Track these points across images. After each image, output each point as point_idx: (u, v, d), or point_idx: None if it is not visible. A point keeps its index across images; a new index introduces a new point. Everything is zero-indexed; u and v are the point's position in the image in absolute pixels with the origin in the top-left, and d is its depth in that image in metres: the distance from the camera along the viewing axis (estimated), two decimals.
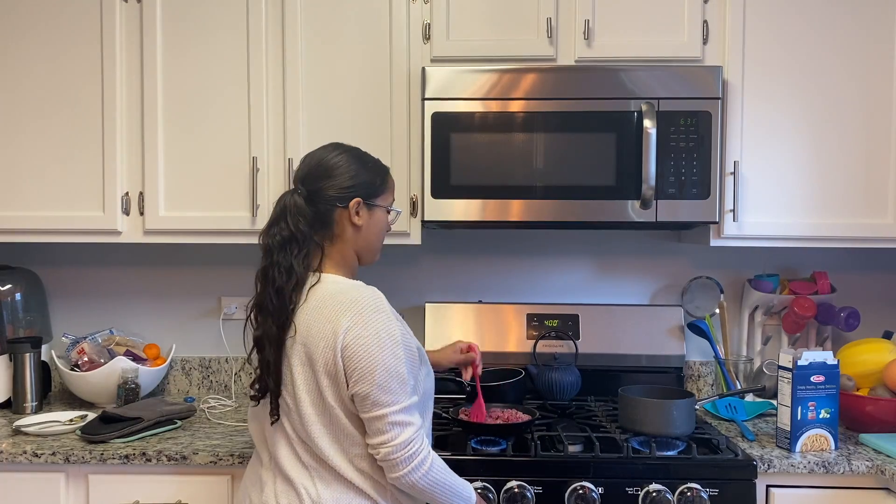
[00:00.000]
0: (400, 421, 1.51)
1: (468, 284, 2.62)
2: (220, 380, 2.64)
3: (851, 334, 2.50)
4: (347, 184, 1.63)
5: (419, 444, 1.53)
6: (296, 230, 1.58)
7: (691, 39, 2.23)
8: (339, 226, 1.64)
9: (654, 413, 1.99)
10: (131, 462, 1.97)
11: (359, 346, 1.50)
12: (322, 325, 1.53)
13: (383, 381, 1.50)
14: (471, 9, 2.25)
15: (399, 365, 1.52)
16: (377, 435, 1.51)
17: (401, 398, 1.52)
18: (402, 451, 1.50)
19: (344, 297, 1.54)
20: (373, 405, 1.50)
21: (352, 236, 1.65)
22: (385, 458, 1.51)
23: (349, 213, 1.64)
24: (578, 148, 2.16)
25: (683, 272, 2.61)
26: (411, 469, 1.51)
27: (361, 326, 1.51)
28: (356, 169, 1.66)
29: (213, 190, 2.29)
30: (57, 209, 2.31)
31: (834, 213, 2.24)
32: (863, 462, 1.92)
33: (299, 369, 1.55)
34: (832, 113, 2.23)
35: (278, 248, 1.58)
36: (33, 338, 2.42)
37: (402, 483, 1.53)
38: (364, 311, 1.52)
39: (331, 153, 1.67)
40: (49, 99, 2.29)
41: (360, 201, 1.64)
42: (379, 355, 1.50)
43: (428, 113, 2.17)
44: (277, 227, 1.60)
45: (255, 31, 2.27)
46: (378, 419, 1.50)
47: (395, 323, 1.55)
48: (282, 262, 1.56)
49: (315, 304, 1.55)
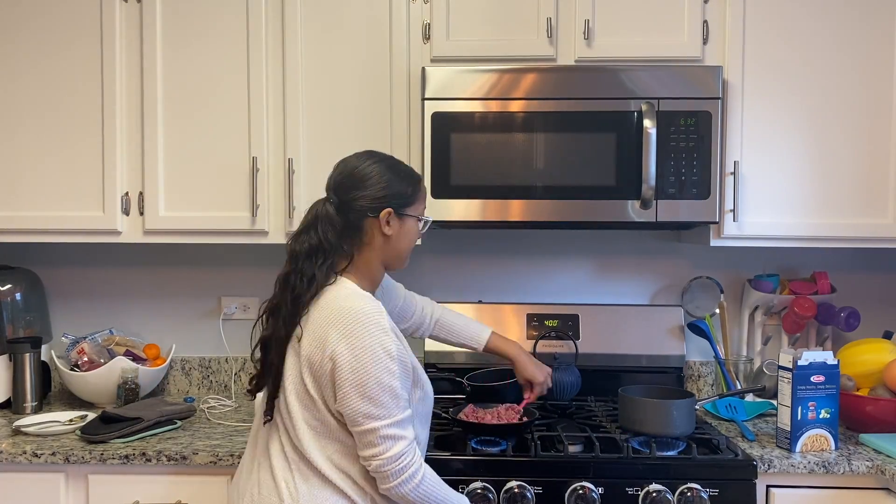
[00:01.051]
0: (392, 434, 1.51)
1: (468, 284, 2.62)
2: (219, 380, 2.64)
3: (851, 334, 2.50)
4: (379, 194, 1.63)
5: (410, 458, 1.53)
6: (324, 240, 1.59)
7: (691, 39, 2.23)
8: (368, 235, 1.64)
9: (654, 413, 1.99)
10: (131, 462, 1.97)
11: (352, 358, 1.50)
12: (318, 327, 1.54)
13: (375, 394, 1.50)
14: (471, 9, 2.25)
15: (392, 379, 1.52)
16: (368, 448, 1.52)
17: (393, 412, 1.52)
18: (393, 463, 1.50)
19: (343, 303, 1.55)
20: (364, 418, 1.50)
21: (381, 245, 1.66)
22: (376, 470, 1.52)
23: (379, 223, 1.64)
24: (578, 148, 2.16)
25: (683, 272, 2.61)
26: (402, 481, 1.52)
27: (355, 338, 1.51)
28: (388, 179, 1.65)
29: (213, 190, 2.29)
30: (57, 209, 2.31)
31: (834, 213, 2.24)
32: (863, 462, 1.92)
33: (291, 360, 1.57)
34: (832, 113, 2.23)
35: (304, 256, 1.60)
36: (33, 338, 2.42)
37: (393, 494, 1.54)
38: (357, 323, 1.52)
39: (364, 162, 1.66)
40: (49, 98, 2.29)
41: (391, 212, 1.64)
42: (372, 369, 1.50)
43: (428, 113, 2.17)
44: (307, 235, 1.61)
45: (255, 31, 2.27)
46: (369, 433, 1.50)
47: (391, 337, 1.54)
48: (305, 271, 1.58)
49: (321, 305, 1.57)
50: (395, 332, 1.58)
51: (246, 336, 2.63)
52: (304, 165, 2.28)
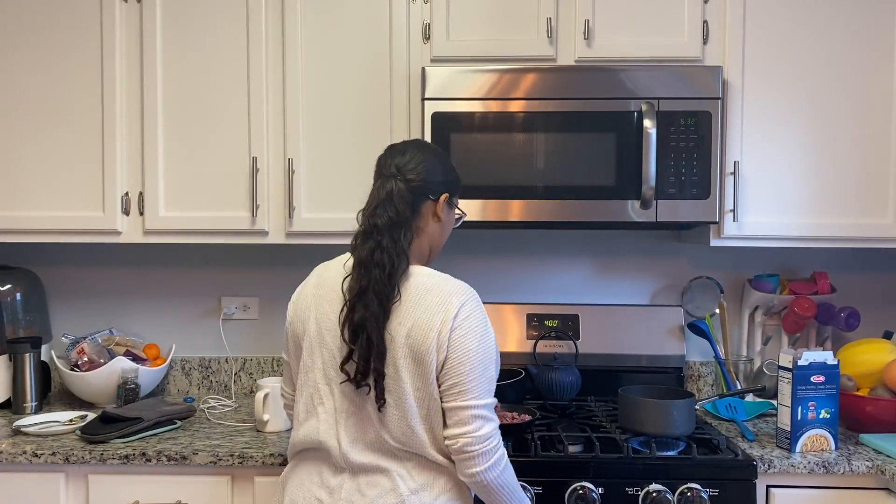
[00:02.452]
0: (483, 415, 1.51)
1: (468, 284, 2.61)
2: (219, 380, 2.64)
3: (851, 334, 2.50)
4: (441, 178, 1.65)
5: (497, 441, 1.53)
6: (402, 212, 1.57)
7: (691, 39, 2.23)
8: (423, 218, 1.64)
9: (654, 413, 1.99)
10: (131, 462, 1.97)
11: (467, 330, 1.51)
12: (429, 314, 1.51)
13: (477, 372, 1.51)
14: (471, 9, 2.25)
15: (492, 363, 1.54)
16: (459, 426, 1.50)
17: (486, 395, 1.53)
18: (482, 444, 1.49)
19: (449, 286, 1.55)
20: (460, 394, 1.50)
21: (432, 230, 1.66)
22: (462, 449, 1.49)
23: (436, 207, 1.64)
24: (578, 148, 2.16)
25: (683, 272, 2.61)
26: (489, 466, 1.50)
27: (472, 312, 1.53)
28: (446, 168, 1.68)
29: (212, 190, 2.29)
30: (57, 209, 2.31)
31: (834, 213, 2.24)
32: (863, 462, 1.92)
33: (403, 363, 1.51)
34: (832, 112, 2.23)
35: (386, 228, 1.55)
36: (33, 338, 2.42)
37: (476, 480, 1.51)
38: (474, 301, 1.55)
39: (423, 149, 1.66)
40: (49, 98, 2.29)
41: (448, 197, 1.67)
42: (481, 347, 1.52)
43: (428, 113, 2.17)
44: (384, 208, 1.57)
45: (255, 31, 2.27)
46: (463, 409, 1.50)
47: (489, 323, 1.58)
48: (390, 246, 1.53)
49: (415, 297, 1.53)
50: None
51: (246, 336, 2.65)
52: (304, 165, 2.28)
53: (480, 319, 1.55)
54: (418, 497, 1.52)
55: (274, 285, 2.64)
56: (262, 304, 2.64)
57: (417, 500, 1.51)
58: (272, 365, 2.63)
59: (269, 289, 2.64)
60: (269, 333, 2.64)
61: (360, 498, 1.52)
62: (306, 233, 2.28)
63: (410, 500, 1.51)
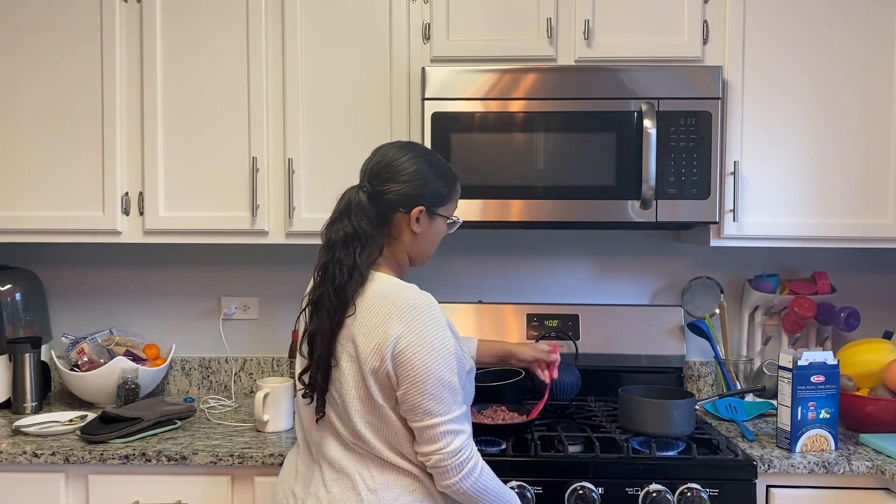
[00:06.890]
0: (452, 430, 1.50)
1: (468, 284, 2.62)
2: (219, 380, 2.64)
3: (851, 334, 2.50)
4: (414, 191, 1.59)
5: (469, 451, 1.52)
6: (359, 228, 1.55)
7: (691, 39, 2.23)
8: (396, 228, 1.61)
9: (654, 413, 1.99)
10: (131, 462, 1.97)
11: (412, 354, 1.48)
12: (373, 326, 1.50)
13: (435, 390, 1.48)
14: (471, 9, 2.25)
15: (451, 375, 1.51)
16: (429, 443, 1.50)
17: (452, 408, 1.51)
18: (454, 458, 1.49)
19: (398, 299, 1.51)
20: (424, 414, 1.49)
21: (407, 241, 1.63)
22: (436, 465, 1.50)
23: (409, 220, 1.61)
24: (578, 148, 2.16)
25: (683, 272, 2.61)
26: (462, 476, 1.50)
27: (415, 334, 1.48)
28: (426, 177, 1.61)
29: (213, 190, 2.29)
30: (57, 209, 2.31)
31: (834, 214, 2.24)
32: (863, 462, 1.92)
33: (348, 366, 1.52)
34: (832, 112, 2.23)
35: (341, 244, 1.55)
36: (33, 338, 2.42)
37: (453, 490, 1.52)
38: (419, 317, 1.50)
39: (404, 155, 1.62)
40: (49, 98, 2.29)
41: (424, 210, 1.61)
42: (432, 364, 1.48)
43: (428, 113, 2.17)
44: (340, 223, 1.57)
45: (255, 31, 2.27)
46: (430, 428, 1.49)
47: (448, 332, 1.53)
48: (344, 260, 1.53)
49: (368, 304, 1.53)
50: (450, 326, 1.56)
51: (246, 336, 2.65)
52: (304, 165, 2.28)
53: (430, 337, 1.49)
54: (377, 497, 1.52)
55: (274, 285, 2.64)
56: (262, 304, 2.64)
57: (376, 499, 1.52)
58: (272, 365, 2.63)
59: (269, 289, 2.64)
60: (269, 333, 2.64)
61: (325, 494, 1.55)
62: (306, 233, 2.28)
63: (369, 499, 1.52)
